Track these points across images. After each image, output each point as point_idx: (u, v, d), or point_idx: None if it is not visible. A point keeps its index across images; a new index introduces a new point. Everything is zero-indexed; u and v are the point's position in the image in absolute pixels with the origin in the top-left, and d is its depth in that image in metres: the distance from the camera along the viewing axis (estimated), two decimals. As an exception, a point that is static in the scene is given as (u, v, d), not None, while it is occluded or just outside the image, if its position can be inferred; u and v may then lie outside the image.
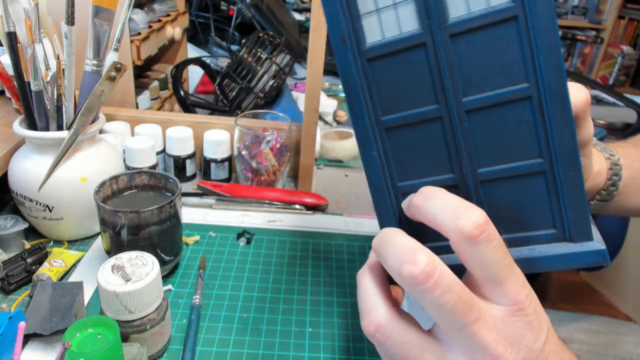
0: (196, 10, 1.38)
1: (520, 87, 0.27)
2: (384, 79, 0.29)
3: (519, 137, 0.28)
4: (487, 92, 0.27)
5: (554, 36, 0.25)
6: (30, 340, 0.43)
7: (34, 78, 0.49)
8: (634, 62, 2.70)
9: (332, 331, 0.47)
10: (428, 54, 0.27)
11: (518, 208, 0.29)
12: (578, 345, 0.69)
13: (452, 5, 0.26)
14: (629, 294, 1.66)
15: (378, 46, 0.28)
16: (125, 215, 0.45)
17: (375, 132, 0.30)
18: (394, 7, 0.27)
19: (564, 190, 0.28)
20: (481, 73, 0.27)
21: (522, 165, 0.28)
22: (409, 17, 0.27)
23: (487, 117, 0.28)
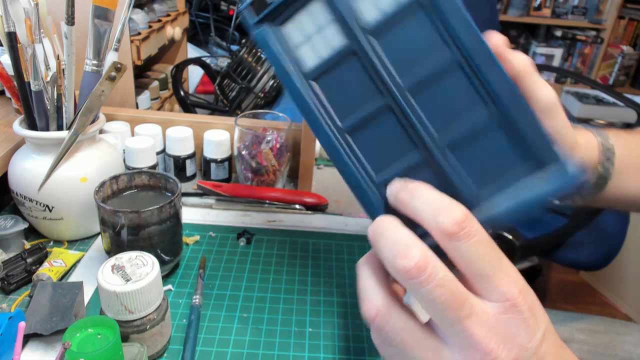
0: (196, 10, 1.38)
1: (446, 55, 0.30)
2: (331, 91, 0.33)
3: (462, 98, 0.31)
4: (421, 72, 0.31)
5: (454, 9, 0.30)
6: (30, 340, 0.43)
7: (34, 78, 0.49)
8: (634, 62, 2.70)
9: (332, 331, 0.47)
10: (360, 58, 0.31)
11: (488, 159, 0.31)
12: (578, 345, 0.69)
13: (366, 13, 0.31)
14: (629, 294, 1.66)
15: (317, 66, 0.32)
16: (125, 215, 0.45)
17: (340, 139, 0.33)
18: (319, 30, 0.32)
19: (518, 125, 0.30)
20: (410, 58, 0.31)
21: (475, 120, 0.31)
22: (334, 33, 0.32)
23: (429, 92, 0.31)
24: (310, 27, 0.33)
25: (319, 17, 0.32)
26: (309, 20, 0.32)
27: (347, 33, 0.31)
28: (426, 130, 0.31)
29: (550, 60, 2.70)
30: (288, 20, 0.33)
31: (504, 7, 2.55)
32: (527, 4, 2.56)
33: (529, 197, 0.30)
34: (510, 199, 0.31)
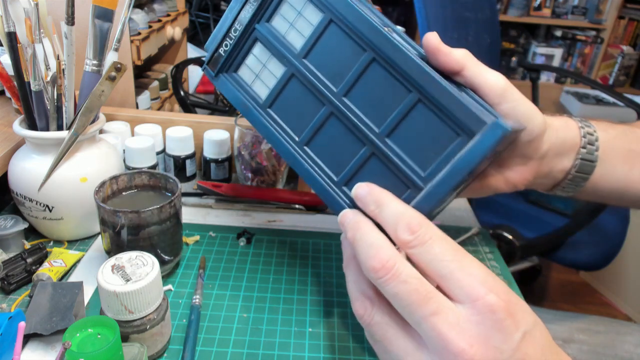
0: (196, 10, 1.38)
1: (363, 57, 0.35)
2: (284, 113, 0.40)
3: (388, 88, 0.35)
4: (348, 75, 0.36)
5: (356, 16, 0.35)
6: (30, 340, 0.43)
7: (34, 78, 0.49)
8: (634, 62, 2.70)
9: (332, 331, 0.47)
10: (299, 78, 0.38)
11: (426, 141, 0.34)
12: (578, 345, 0.69)
13: (293, 41, 0.38)
14: (629, 294, 1.66)
15: (268, 95, 0.40)
16: (125, 215, 0.45)
17: (300, 152, 0.39)
18: (263, 67, 0.40)
19: (441, 103, 0.33)
20: (336, 66, 0.36)
21: (404, 107, 0.34)
22: (275, 66, 0.39)
23: (360, 90, 0.36)
24: (256, 66, 0.41)
25: (261, 56, 0.40)
26: (254, 60, 0.41)
27: (284, 62, 0.39)
28: (365, 125, 0.36)
29: (550, 60, 2.70)
30: (240, 66, 0.41)
31: (504, 7, 2.55)
32: (527, 4, 2.56)
33: (462, 158, 0.32)
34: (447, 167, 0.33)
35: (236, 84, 0.41)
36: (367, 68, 0.35)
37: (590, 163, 0.45)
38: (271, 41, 0.39)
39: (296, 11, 0.38)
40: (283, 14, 0.39)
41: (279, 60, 0.39)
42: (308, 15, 0.37)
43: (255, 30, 0.40)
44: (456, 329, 0.26)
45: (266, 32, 0.39)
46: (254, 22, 0.39)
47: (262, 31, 0.39)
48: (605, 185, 0.46)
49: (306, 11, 0.37)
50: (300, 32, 0.38)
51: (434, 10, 1.12)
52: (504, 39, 2.67)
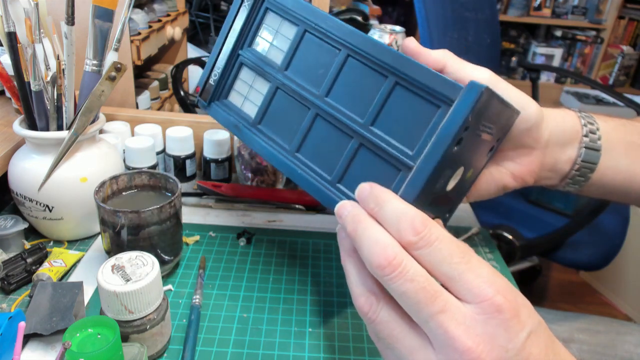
0: (196, 10, 1.38)
1: (339, 56, 0.38)
2: (274, 126, 0.42)
3: (365, 79, 0.37)
4: (326, 75, 0.39)
5: (326, 19, 0.38)
6: (30, 340, 0.43)
7: (34, 78, 0.49)
8: (634, 62, 2.70)
9: (332, 331, 0.47)
10: (283, 89, 0.41)
11: (410, 120, 0.35)
12: (578, 345, 0.69)
13: (274, 58, 0.42)
14: (629, 294, 1.66)
15: (257, 112, 0.43)
16: (125, 215, 0.45)
17: (293, 160, 0.40)
18: (250, 87, 0.44)
19: (417, 80, 0.34)
20: (315, 70, 0.39)
21: (383, 92, 0.36)
22: (260, 84, 0.43)
23: (340, 87, 0.38)
24: (244, 88, 0.44)
25: (248, 79, 0.44)
26: (241, 84, 0.44)
27: (268, 77, 0.42)
28: (350, 119, 0.37)
29: (550, 60, 2.70)
30: (229, 92, 0.46)
31: (504, 7, 2.55)
32: (527, 4, 2.57)
33: (445, 125, 0.32)
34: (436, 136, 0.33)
35: (227, 109, 0.45)
36: (344, 65, 0.38)
37: (594, 152, 0.44)
38: (255, 62, 0.43)
39: (274, 30, 0.42)
40: (263, 37, 0.43)
41: (264, 78, 0.43)
42: (284, 32, 0.42)
43: (239, 56, 0.44)
44: (463, 327, 0.26)
45: (249, 55, 0.44)
46: (237, 49, 0.44)
47: (245, 55, 0.44)
48: (611, 179, 0.46)
49: (282, 28, 0.42)
50: (279, 48, 0.42)
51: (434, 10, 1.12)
52: (504, 39, 2.67)
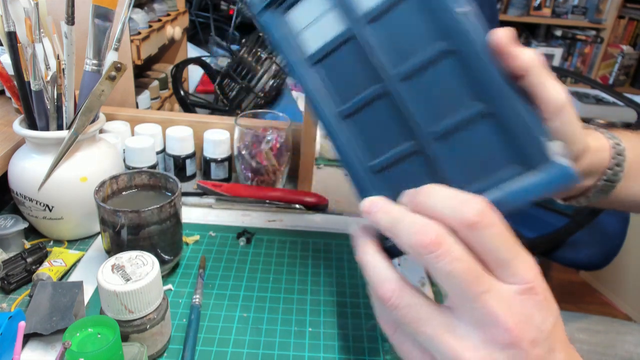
0: (196, 10, 1.38)
1: (438, 45, 0.30)
2: (331, 76, 0.34)
3: (454, 89, 0.31)
4: (413, 61, 0.31)
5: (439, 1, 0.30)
6: (30, 340, 0.43)
7: (34, 78, 0.49)
8: (634, 61, 2.70)
9: (332, 331, 0.47)
10: (357, 43, 0.32)
11: (478, 156, 0.31)
12: (578, 345, 0.69)
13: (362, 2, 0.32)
14: (629, 293, 1.66)
15: (318, 51, 0.34)
16: (125, 215, 0.45)
17: (338, 123, 0.34)
18: (322, 17, 0.33)
19: (509, 126, 0.30)
20: (403, 46, 0.31)
21: (464, 115, 0.31)
22: (333, 20, 0.33)
23: (420, 81, 0.31)
24: (312, 14, 0.34)
25: (321, 4, 0.33)
26: (311, 6, 0.34)
27: (346, 19, 0.32)
28: (417, 120, 0.32)
29: (550, 60, 2.70)
30: (292, 7, 0.34)
31: (504, 7, 2.55)
32: (527, 4, 2.56)
33: (516, 190, 0.30)
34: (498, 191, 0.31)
35: (283, 27, 0.34)
36: (438, 59, 0.31)
37: (611, 184, 0.44)
38: None
39: None
40: None
41: (341, 16, 0.33)
42: None
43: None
44: (505, 306, 0.27)
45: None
46: None
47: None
48: (621, 198, 0.46)
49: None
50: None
51: (434, 10, 1.12)
52: (504, 38, 2.67)
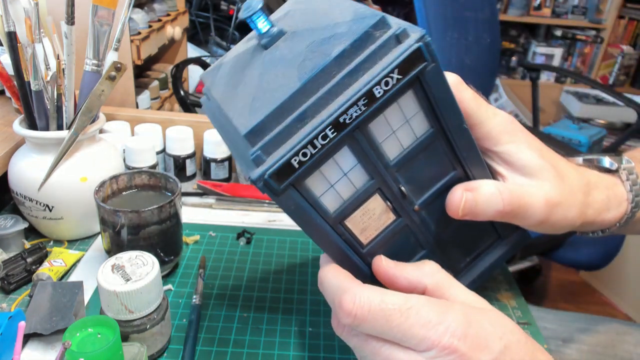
0: (196, 10, 1.38)
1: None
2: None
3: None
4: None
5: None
6: (30, 340, 0.43)
7: (34, 78, 0.49)
8: (634, 61, 2.70)
9: (332, 331, 0.47)
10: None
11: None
12: (578, 345, 0.69)
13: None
14: (629, 293, 1.66)
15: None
16: (125, 215, 0.45)
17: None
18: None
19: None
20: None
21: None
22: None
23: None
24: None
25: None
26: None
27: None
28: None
29: (550, 60, 2.70)
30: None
31: (504, 7, 2.55)
32: (527, 4, 2.56)
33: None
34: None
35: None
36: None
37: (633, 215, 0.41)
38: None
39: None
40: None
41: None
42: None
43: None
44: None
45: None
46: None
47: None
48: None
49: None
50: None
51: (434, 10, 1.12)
52: (504, 38, 2.67)
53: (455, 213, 0.35)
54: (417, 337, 0.27)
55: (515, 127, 0.37)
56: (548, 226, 0.37)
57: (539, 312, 0.74)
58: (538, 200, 0.35)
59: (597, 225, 0.41)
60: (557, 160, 0.38)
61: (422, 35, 0.27)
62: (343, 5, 0.31)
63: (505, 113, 0.37)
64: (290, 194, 0.29)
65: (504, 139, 0.36)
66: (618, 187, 0.41)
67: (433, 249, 0.38)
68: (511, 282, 0.56)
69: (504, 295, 0.54)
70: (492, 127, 0.36)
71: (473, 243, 0.40)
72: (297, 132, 0.27)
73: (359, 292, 0.29)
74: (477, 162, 0.35)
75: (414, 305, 0.28)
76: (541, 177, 0.36)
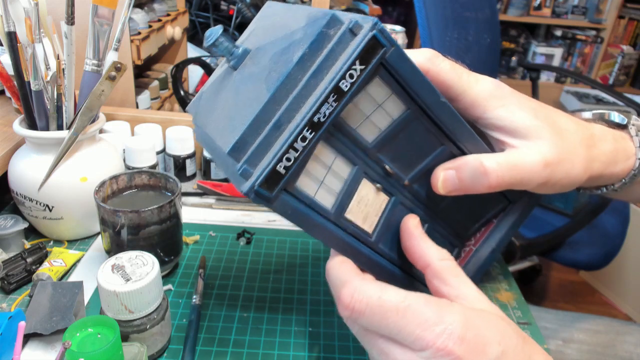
0: (196, 10, 1.38)
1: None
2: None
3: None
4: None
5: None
6: (30, 340, 0.43)
7: (34, 78, 0.49)
8: (634, 61, 2.70)
9: (332, 331, 0.47)
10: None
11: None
12: (578, 345, 0.69)
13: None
14: (629, 293, 1.66)
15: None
16: (125, 215, 0.45)
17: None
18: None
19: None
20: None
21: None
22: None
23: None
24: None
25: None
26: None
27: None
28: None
29: (550, 60, 2.70)
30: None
31: (504, 7, 2.55)
32: (527, 4, 2.56)
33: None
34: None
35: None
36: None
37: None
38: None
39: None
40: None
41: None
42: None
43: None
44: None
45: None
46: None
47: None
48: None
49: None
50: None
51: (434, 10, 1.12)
52: (504, 38, 2.67)
53: (438, 191, 0.35)
54: (413, 336, 0.27)
55: (503, 91, 0.35)
56: (551, 186, 0.36)
57: (539, 312, 0.74)
58: (535, 164, 0.34)
59: (605, 179, 0.40)
60: (555, 116, 0.37)
61: (375, 22, 0.28)
62: (297, 13, 0.32)
63: (489, 78, 0.36)
64: (284, 200, 0.30)
65: (492, 104, 0.35)
66: (626, 141, 0.40)
67: (435, 220, 0.39)
68: (511, 282, 0.56)
69: (504, 295, 0.54)
70: (477, 94, 0.35)
71: (480, 210, 0.41)
72: (277, 140, 0.28)
73: (359, 286, 0.29)
74: (467, 134, 0.35)
75: (412, 303, 0.28)
76: (537, 137, 0.35)
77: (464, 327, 0.27)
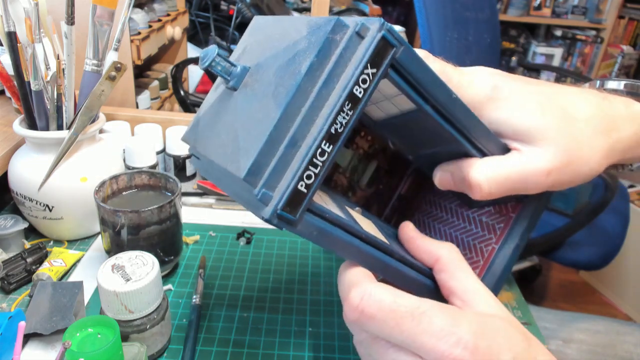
0: (196, 10, 1.38)
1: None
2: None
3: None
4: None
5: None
6: (30, 340, 0.43)
7: (34, 78, 0.49)
8: (634, 61, 2.70)
9: (332, 331, 0.47)
10: None
11: None
12: (578, 345, 0.69)
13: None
14: (629, 293, 1.66)
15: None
16: (125, 215, 0.45)
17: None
18: None
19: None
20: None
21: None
22: None
23: None
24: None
25: None
26: None
27: None
28: None
29: (550, 60, 2.70)
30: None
31: (504, 7, 2.55)
32: (527, 4, 2.56)
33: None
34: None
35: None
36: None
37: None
38: None
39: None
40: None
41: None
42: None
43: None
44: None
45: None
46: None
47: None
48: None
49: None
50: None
51: (434, 10, 1.12)
52: (504, 38, 2.67)
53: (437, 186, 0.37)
54: (428, 346, 0.26)
55: (501, 91, 0.33)
56: (559, 187, 0.34)
57: (539, 312, 0.74)
58: (537, 172, 0.32)
59: (624, 161, 0.37)
60: (569, 103, 0.34)
61: (382, 23, 0.27)
62: (295, 22, 0.30)
63: (486, 76, 0.34)
64: (308, 220, 0.28)
65: (488, 107, 0.33)
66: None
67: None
68: (511, 282, 0.56)
69: (504, 295, 0.54)
70: (471, 98, 0.33)
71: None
72: (295, 158, 0.26)
73: (370, 288, 0.27)
74: (480, 130, 0.33)
75: (427, 310, 0.27)
76: (542, 139, 0.32)
77: (478, 336, 0.26)
